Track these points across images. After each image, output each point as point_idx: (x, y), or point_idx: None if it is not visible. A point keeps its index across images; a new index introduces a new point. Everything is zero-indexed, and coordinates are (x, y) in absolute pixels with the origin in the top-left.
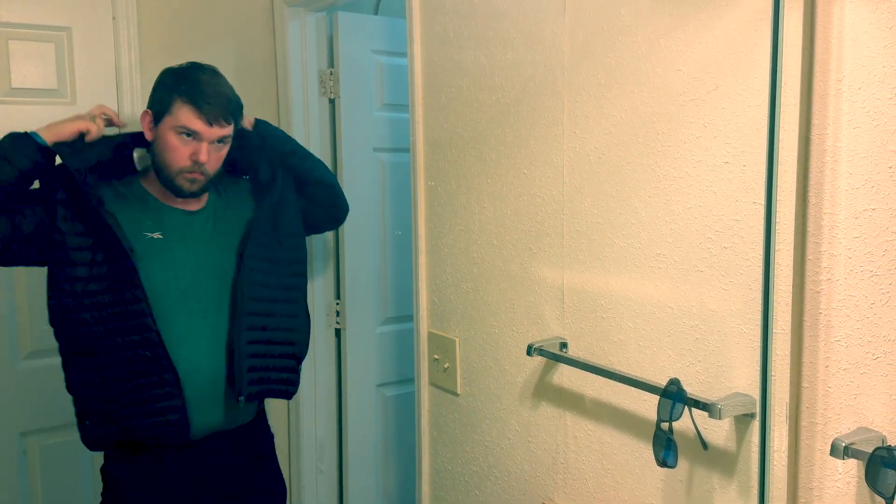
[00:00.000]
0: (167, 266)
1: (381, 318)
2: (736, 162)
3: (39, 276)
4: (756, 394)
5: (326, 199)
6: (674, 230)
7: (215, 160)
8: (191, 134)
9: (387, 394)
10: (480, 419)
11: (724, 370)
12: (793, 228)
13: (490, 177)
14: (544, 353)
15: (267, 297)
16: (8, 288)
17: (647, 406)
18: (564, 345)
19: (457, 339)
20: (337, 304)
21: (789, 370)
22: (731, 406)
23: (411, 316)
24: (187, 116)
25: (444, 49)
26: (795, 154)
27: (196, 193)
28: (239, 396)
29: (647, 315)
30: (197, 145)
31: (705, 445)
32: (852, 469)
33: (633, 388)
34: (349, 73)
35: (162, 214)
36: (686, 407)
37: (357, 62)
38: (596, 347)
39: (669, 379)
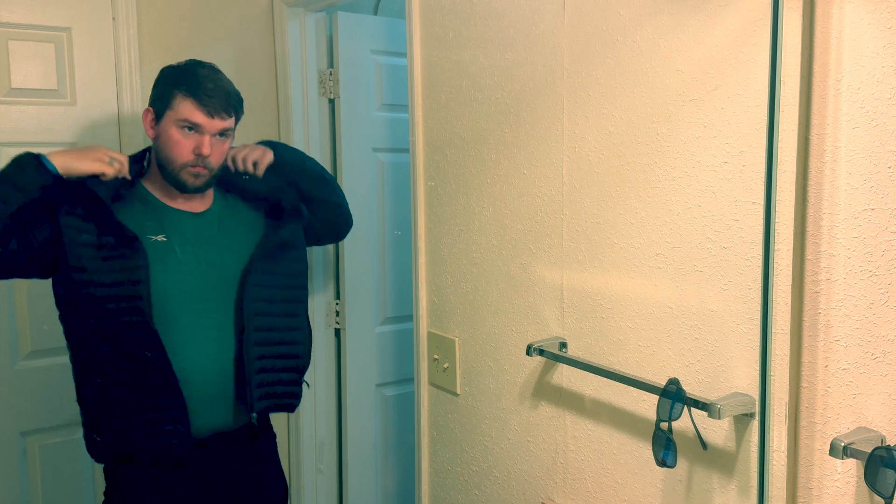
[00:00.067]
0: (172, 268)
1: (381, 318)
2: (735, 162)
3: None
4: (755, 393)
5: (332, 217)
6: (673, 230)
7: (218, 154)
8: (192, 127)
9: (386, 394)
10: (480, 419)
11: (724, 370)
12: (792, 228)
13: (490, 177)
14: (544, 353)
15: (272, 312)
16: (8, 288)
17: (647, 406)
18: (564, 345)
19: (456, 339)
20: (336, 304)
21: (788, 370)
22: (731, 406)
23: (411, 316)
24: (189, 109)
25: (444, 49)
26: (795, 154)
27: (201, 189)
28: (251, 412)
29: (647, 315)
30: (199, 138)
31: (705, 445)
32: (851, 469)
33: (633, 388)
34: (349, 74)
35: (165, 216)
36: (685, 407)
37: (356, 62)
38: (595, 347)
39: (669, 379)
